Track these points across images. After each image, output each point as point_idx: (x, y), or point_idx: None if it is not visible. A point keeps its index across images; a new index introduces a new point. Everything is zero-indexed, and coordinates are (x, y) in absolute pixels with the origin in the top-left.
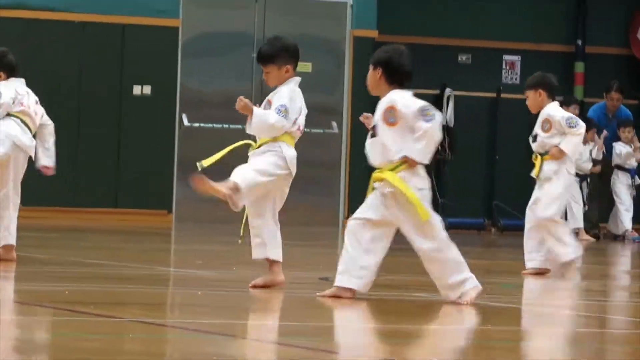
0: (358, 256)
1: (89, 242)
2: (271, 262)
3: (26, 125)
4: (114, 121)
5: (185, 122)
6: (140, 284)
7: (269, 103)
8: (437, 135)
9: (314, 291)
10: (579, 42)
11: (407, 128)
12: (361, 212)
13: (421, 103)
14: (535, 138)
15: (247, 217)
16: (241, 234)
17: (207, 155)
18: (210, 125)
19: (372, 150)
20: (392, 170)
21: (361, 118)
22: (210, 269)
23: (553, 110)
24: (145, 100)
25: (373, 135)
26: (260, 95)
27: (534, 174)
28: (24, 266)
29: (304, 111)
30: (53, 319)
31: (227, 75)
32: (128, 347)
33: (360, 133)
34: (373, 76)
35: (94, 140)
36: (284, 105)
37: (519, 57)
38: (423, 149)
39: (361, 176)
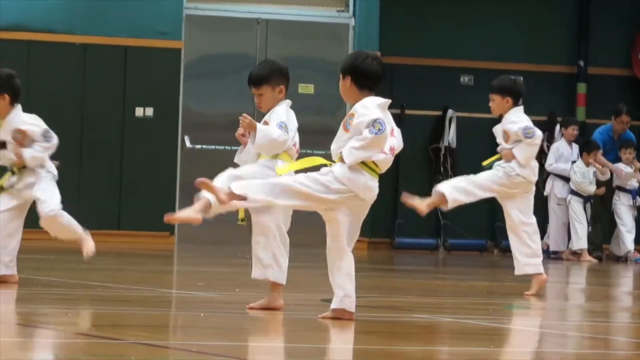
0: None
1: (91, 264)
2: (273, 284)
3: None
4: (117, 143)
5: (188, 144)
6: (143, 306)
7: (266, 124)
8: (373, 150)
9: (317, 313)
10: (581, 63)
11: (357, 133)
12: None
13: (375, 116)
14: (499, 148)
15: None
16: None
17: (209, 177)
18: (213, 147)
19: (332, 148)
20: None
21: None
22: (213, 290)
23: (510, 120)
24: (147, 122)
25: None
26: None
27: (485, 162)
28: (25, 288)
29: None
30: (55, 341)
31: (229, 97)
32: None
33: None
34: (343, 85)
35: (96, 162)
36: (283, 122)
37: (521, 78)
38: (353, 148)
39: None
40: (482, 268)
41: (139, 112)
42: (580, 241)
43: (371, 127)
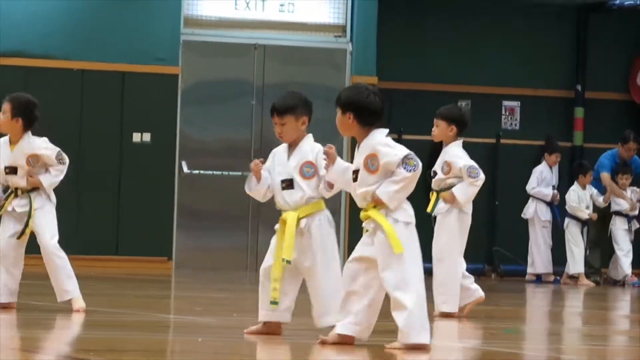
0: (355, 302)
1: (88, 289)
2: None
3: None
4: (114, 168)
5: (185, 169)
6: (140, 331)
7: (312, 165)
8: (412, 187)
9: (316, 338)
10: (579, 87)
11: (387, 174)
12: (354, 253)
13: (404, 152)
14: (434, 174)
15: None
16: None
17: (206, 203)
18: (210, 172)
19: (356, 193)
20: (374, 207)
21: (326, 149)
22: (210, 315)
23: (456, 154)
24: (145, 148)
25: (355, 179)
26: (260, 142)
27: (428, 209)
28: (23, 313)
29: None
30: None
31: (227, 122)
32: None
33: None
34: (343, 120)
35: (94, 187)
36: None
37: (519, 102)
38: (394, 192)
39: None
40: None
41: (136, 137)
42: (577, 265)
43: (405, 164)
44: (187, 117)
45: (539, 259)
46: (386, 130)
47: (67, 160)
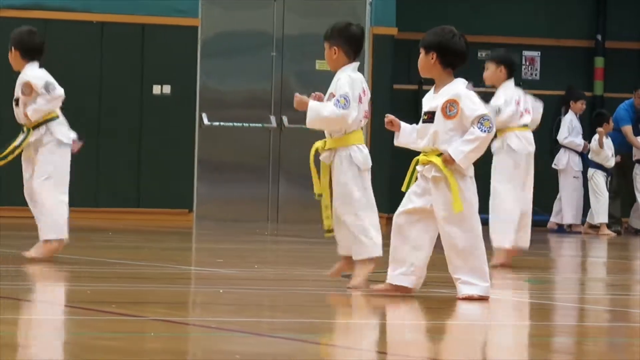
0: (407, 254)
1: (110, 241)
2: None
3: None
4: (134, 121)
5: (205, 121)
6: (162, 283)
7: (332, 96)
8: (485, 148)
9: (337, 288)
10: (599, 37)
11: (461, 126)
12: (404, 203)
13: (483, 111)
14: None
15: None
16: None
17: (227, 155)
18: (231, 124)
19: (422, 133)
20: (438, 156)
21: (387, 120)
22: (232, 267)
23: (498, 96)
24: (165, 100)
25: (425, 121)
26: (280, 94)
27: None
28: (46, 266)
29: (366, 96)
30: (75, 318)
31: (247, 74)
32: (150, 346)
33: (379, 130)
34: (426, 60)
35: (114, 141)
36: (344, 94)
37: (539, 52)
38: (466, 152)
39: (382, 171)
40: None
41: (156, 90)
42: (601, 215)
43: (480, 124)
44: (207, 69)
45: (569, 209)
46: (466, 82)
47: (57, 90)
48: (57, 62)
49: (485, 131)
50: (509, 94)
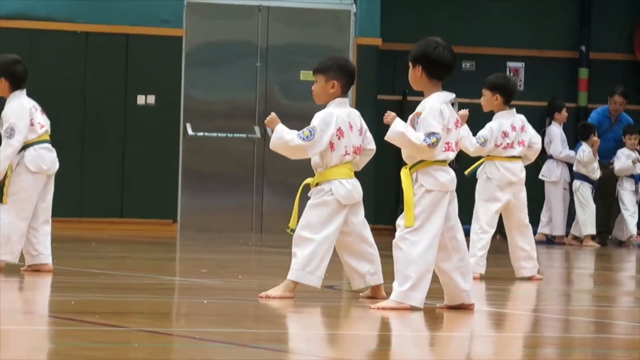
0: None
1: (94, 252)
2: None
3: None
4: (119, 131)
5: (190, 131)
6: (146, 294)
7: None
8: (412, 150)
9: (320, 300)
10: (583, 48)
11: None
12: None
13: (437, 130)
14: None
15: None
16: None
17: (211, 165)
18: (215, 134)
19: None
20: (411, 168)
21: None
22: (216, 277)
23: (490, 125)
24: (149, 110)
25: None
26: (264, 104)
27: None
28: (30, 276)
29: (354, 132)
30: (59, 329)
31: (231, 84)
32: (134, 356)
33: None
34: (413, 74)
35: (98, 150)
36: (311, 127)
37: (523, 63)
38: (400, 132)
39: (370, 180)
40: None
41: (140, 100)
42: (588, 227)
43: (428, 137)
44: (192, 80)
45: (560, 220)
46: (448, 95)
47: (14, 138)
48: (42, 71)
49: (426, 142)
50: (497, 125)
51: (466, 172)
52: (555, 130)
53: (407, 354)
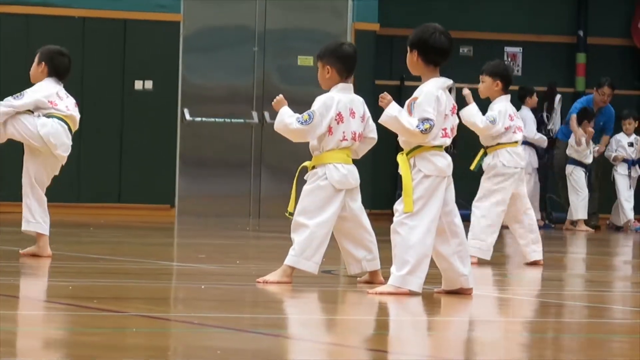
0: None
1: (91, 237)
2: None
3: (68, 126)
4: (116, 116)
5: (187, 116)
6: (144, 279)
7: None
8: (404, 134)
9: (318, 285)
10: (581, 33)
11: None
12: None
13: (430, 116)
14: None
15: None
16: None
17: (209, 150)
18: (212, 119)
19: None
20: (408, 153)
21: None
22: (214, 262)
23: (497, 108)
24: (147, 95)
25: None
26: (262, 89)
27: (471, 167)
28: (27, 262)
29: (356, 118)
30: (56, 314)
31: (229, 69)
32: (132, 341)
33: None
34: (411, 59)
35: (96, 136)
36: (310, 111)
37: (521, 48)
38: (394, 117)
39: (368, 165)
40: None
41: (138, 85)
42: (580, 211)
43: (422, 122)
44: (189, 65)
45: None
46: (445, 81)
47: (21, 100)
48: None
49: (419, 128)
50: (502, 107)
51: (472, 167)
52: (528, 114)
53: (406, 339)
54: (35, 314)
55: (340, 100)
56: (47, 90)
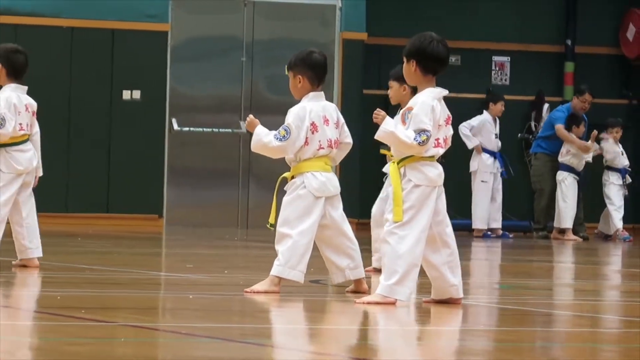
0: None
1: (80, 247)
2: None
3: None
4: (104, 126)
5: (175, 126)
6: (132, 289)
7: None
8: (402, 149)
9: (305, 295)
10: (569, 42)
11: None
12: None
13: (427, 127)
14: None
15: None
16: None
17: (197, 160)
18: (200, 129)
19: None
20: (398, 162)
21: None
22: (201, 272)
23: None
24: (135, 105)
25: None
26: (250, 99)
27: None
28: (15, 271)
29: (329, 125)
30: (45, 324)
31: (217, 79)
32: (120, 351)
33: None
34: (408, 69)
35: (84, 146)
36: (285, 126)
37: (509, 58)
38: (390, 132)
39: (353, 178)
40: (510, 249)
41: (126, 95)
42: (568, 220)
43: (418, 135)
44: (177, 74)
45: (483, 213)
46: (441, 91)
47: (4, 127)
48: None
49: (417, 140)
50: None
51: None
52: (487, 119)
53: (392, 348)
54: (23, 324)
55: (312, 109)
56: (11, 111)
